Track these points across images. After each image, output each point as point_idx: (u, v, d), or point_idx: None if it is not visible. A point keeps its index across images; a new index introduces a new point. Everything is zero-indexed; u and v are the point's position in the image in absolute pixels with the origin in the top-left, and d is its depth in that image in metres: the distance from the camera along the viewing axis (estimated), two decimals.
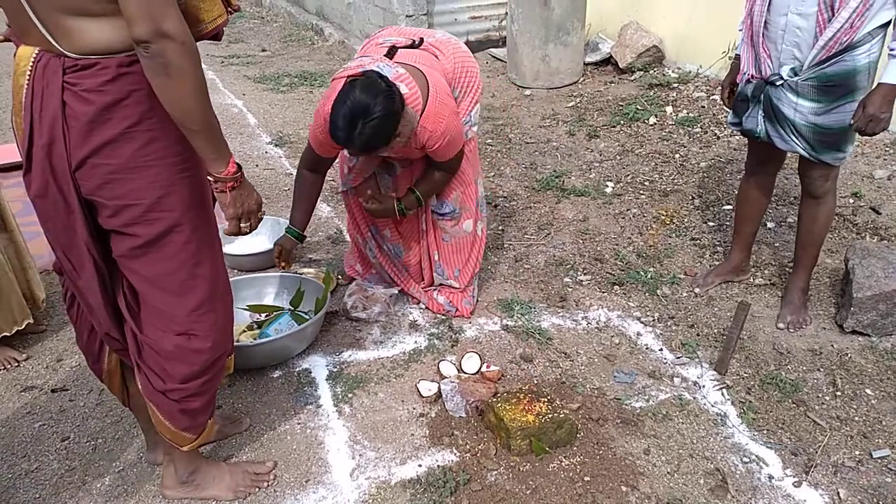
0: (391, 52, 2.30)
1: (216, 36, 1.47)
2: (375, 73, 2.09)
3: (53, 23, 1.30)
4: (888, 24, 2.11)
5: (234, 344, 2.04)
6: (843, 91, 2.17)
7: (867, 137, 2.33)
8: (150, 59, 1.27)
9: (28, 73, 1.36)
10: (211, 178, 1.47)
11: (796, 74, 2.22)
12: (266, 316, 2.62)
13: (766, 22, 2.24)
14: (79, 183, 1.42)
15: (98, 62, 1.33)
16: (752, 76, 2.34)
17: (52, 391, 2.36)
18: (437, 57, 2.37)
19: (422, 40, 2.40)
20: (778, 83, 2.26)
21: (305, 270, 2.91)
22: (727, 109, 2.59)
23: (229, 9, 1.46)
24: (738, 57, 2.49)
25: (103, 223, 1.49)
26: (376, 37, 2.49)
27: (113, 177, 1.41)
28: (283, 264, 2.60)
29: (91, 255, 1.53)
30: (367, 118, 1.99)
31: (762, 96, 2.32)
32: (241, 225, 1.58)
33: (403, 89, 2.12)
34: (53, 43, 1.32)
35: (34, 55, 1.35)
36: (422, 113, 2.18)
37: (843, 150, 2.29)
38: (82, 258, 1.53)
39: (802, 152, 2.32)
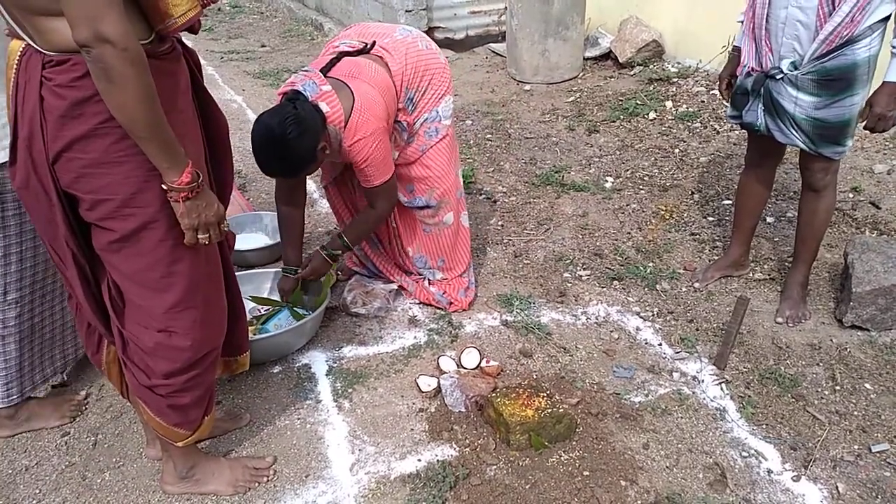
0: (331, 64, 2.30)
1: (191, 29, 1.44)
2: (295, 93, 2.14)
3: (26, 21, 1.31)
4: (888, 18, 2.11)
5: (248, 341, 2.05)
6: (843, 85, 2.17)
7: (867, 132, 2.34)
8: (92, 63, 1.25)
9: (15, 66, 1.38)
10: (164, 187, 1.44)
11: (796, 68, 2.21)
12: (265, 310, 2.62)
13: (767, 15, 2.23)
14: (57, 176, 1.43)
15: (70, 59, 1.32)
16: (753, 69, 2.34)
17: (52, 387, 2.36)
18: (385, 61, 2.36)
19: (374, 44, 2.39)
20: (778, 77, 2.26)
21: None
22: (725, 103, 2.59)
23: (203, 0, 1.41)
24: (736, 49, 2.49)
25: (83, 216, 1.49)
26: (338, 38, 2.49)
27: (87, 171, 1.41)
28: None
29: (70, 248, 1.53)
30: (278, 146, 2.06)
31: (762, 90, 2.32)
32: (200, 236, 1.52)
33: (325, 108, 2.16)
34: (28, 41, 1.34)
35: (20, 49, 1.37)
36: (344, 129, 2.21)
37: (842, 143, 2.29)
38: (64, 250, 1.54)
39: (802, 146, 2.32)
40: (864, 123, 2.23)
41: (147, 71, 1.29)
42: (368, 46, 2.38)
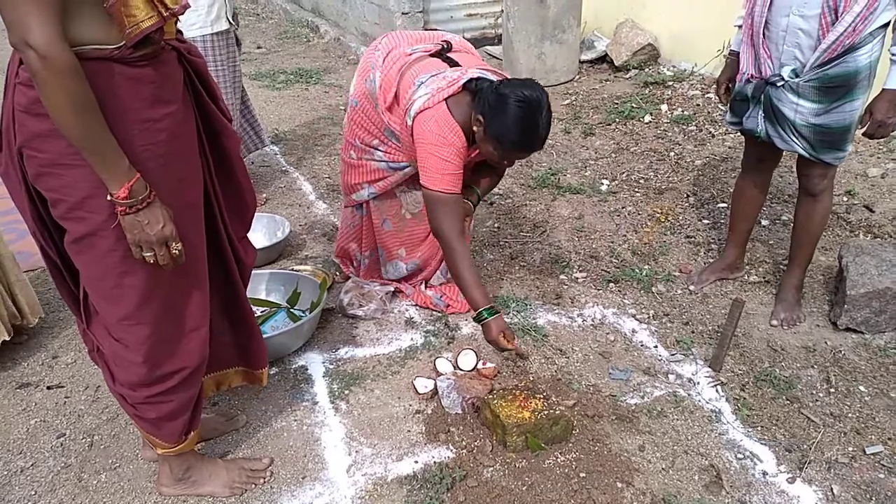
0: (451, 62, 2.29)
1: (148, 39, 1.39)
2: (482, 79, 2.17)
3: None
4: (888, 24, 2.11)
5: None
6: (843, 91, 2.17)
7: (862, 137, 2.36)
8: (25, 66, 1.26)
9: (10, 61, 1.41)
10: (108, 197, 1.41)
11: (797, 76, 2.21)
12: (262, 312, 2.62)
13: (766, 22, 2.22)
14: (25, 170, 1.44)
15: None
16: (752, 76, 2.33)
17: (48, 388, 2.36)
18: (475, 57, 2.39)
19: (450, 44, 2.38)
20: (779, 84, 2.25)
21: (301, 268, 2.91)
22: (722, 107, 2.59)
23: (165, 12, 1.37)
24: (732, 53, 2.49)
25: (51, 212, 1.49)
26: (395, 45, 2.40)
27: (44, 169, 1.41)
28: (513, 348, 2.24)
29: (37, 240, 1.55)
30: (547, 110, 2.11)
31: (762, 96, 2.31)
32: (145, 254, 1.46)
33: None
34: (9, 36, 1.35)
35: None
36: None
37: (843, 149, 2.29)
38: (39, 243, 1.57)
39: (802, 152, 2.32)
40: (863, 130, 2.24)
41: (76, 80, 1.27)
42: (446, 47, 2.37)
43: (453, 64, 2.28)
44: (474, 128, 2.16)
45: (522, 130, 2.09)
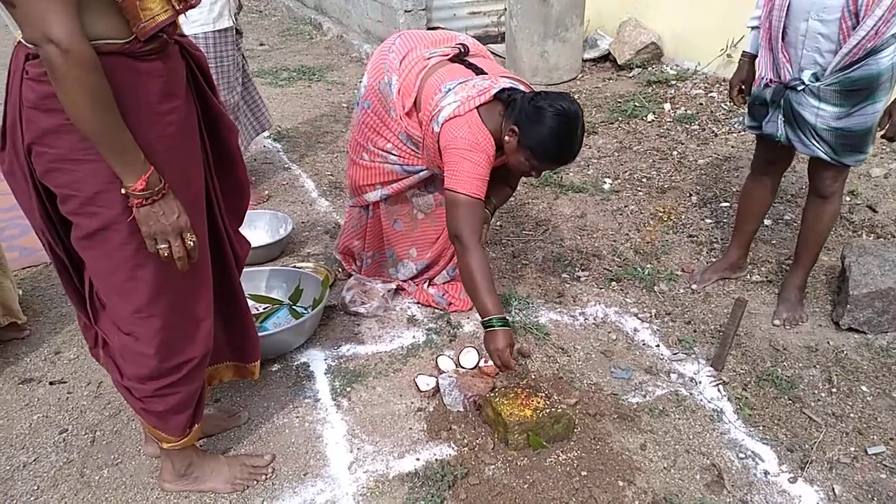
0: (476, 69, 2.28)
1: (157, 34, 1.39)
2: (514, 90, 2.19)
3: (10, 15, 1.32)
4: None
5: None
6: (865, 94, 2.14)
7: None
8: (43, 61, 1.26)
9: (12, 56, 1.40)
10: (123, 191, 1.42)
11: (818, 79, 2.18)
12: (264, 308, 2.62)
13: (784, 26, 2.19)
14: (33, 167, 1.44)
15: None
16: (771, 80, 2.30)
17: (51, 384, 2.36)
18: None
19: (467, 48, 2.37)
20: (799, 88, 2.22)
21: (304, 265, 2.92)
22: (725, 106, 2.58)
23: (179, 6, 1.38)
24: (745, 54, 2.46)
25: (60, 208, 1.50)
26: (411, 47, 2.38)
27: (55, 165, 1.41)
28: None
29: (45, 238, 1.55)
30: (582, 124, 2.14)
31: (782, 101, 2.28)
32: (159, 247, 1.47)
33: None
34: (13, 31, 1.35)
35: (17, 41, 1.38)
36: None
37: (864, 151, 2.28)
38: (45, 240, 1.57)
39: (824, 156, 2.29)
40: (882, 133, 2.22)
41: (96, 74, 1.27)
42: (463, 51, 2.37)
43: (478, 71, 2.28)
44: (506, 137, 2.15)
45: (559, 143, 2.10)
